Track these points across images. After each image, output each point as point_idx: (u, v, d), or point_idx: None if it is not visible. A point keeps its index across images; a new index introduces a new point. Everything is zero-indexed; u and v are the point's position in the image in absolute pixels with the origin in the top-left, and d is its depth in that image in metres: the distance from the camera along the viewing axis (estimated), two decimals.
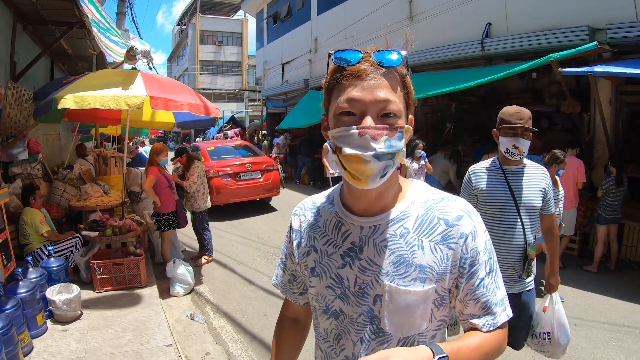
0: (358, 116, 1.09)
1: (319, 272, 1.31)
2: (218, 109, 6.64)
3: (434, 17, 11.29)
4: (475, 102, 11.31)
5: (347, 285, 1.24)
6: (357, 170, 1.08)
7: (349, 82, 1.10)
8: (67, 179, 7.71)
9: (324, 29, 17.25)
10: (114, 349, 4.19)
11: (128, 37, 9.37)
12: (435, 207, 1.21)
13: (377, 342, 1.22)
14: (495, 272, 1.21)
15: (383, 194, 1.21)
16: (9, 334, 3.44)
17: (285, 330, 1.59)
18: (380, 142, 1.06)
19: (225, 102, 38.19)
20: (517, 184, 3.02)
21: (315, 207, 1.39)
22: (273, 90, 22.08)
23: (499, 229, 3.00)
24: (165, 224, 6.53)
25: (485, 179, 3.09)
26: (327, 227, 1.32)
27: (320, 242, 1.32)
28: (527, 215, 2.99)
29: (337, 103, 1.11)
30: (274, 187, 11.55)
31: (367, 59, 1.11)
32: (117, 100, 5.12)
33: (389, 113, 1.09)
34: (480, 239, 1.19)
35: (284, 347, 1.57)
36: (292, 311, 1.59)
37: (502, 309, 1.20)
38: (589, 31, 7.52)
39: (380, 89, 1.08)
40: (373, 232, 1.22)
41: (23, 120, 6.58)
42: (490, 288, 1.18)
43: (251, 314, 5.53)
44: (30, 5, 6.79)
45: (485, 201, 3.05)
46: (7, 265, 4.49)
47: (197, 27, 45.49)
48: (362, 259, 1.22)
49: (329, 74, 1.17)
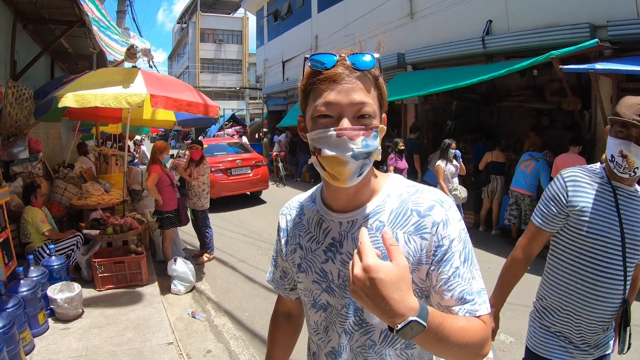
0: (335, 119, 1.12)
1: (305, 268, 1.37)
2: (218, 108, 6.64)
3: (435, 15, 11.28)
4: (476, 100, 11.29)
5: (332, 279, 1.30)
6: (336, 171, 1.13)
7: (326, 86, 1.13)
8: (68, 177, 7.71)
9: (325, 26, 17.24)
10: (115, 347, 4.20)
11: (128, 36, 9.35)
12: (409, 199, 1.24)
13: (361, 333, 1.27)
14: (471, 262, 1.18)
15: (360, 190, 1.25)
16: (10, 332, 3.45)
17: (278, 325, 1.69)
18: (358, 142, 1.10)
19: (226, 100, 38.25)
20: (630, 212, 2.09)
21: (300, 206, 1.46)
22: (274, 88, 22.08)
23: (591, 269, 2.10)
24: (168, 222, 6.53)
25: (591, 194, 2.12)
26: (310, 224, 1.38)
27: (305, 239, 1.38)
28: (633, 259, 2.10)
29: (314, 106, 1.14)
30: (262, 182, 12.67)
31: (342, 62, 1.14)
32: (118, 99, 5.12)
33: (364, 114, 1.13)
34: (453, 227, 1.18)
35: (278, 341, 1.68)
36: (284, 306, 1.68)
37: (482, 300, 1.15)
38: (589, 28, 7.51)
39: (355, 92, 1.12)
40: (351, 227, 1.26)
41: (24, 119, 6.58)
42: (466, 277, 1.15)
43: (252, 311, 5.54)
44: (29, 4, 6.78)
45: (582, 227, 2.10)
46: (8, 264, 4.50)
47: (197, 25, 45.46)
48: (342, 253, 1.27)
49: (305, 77, 1.20)
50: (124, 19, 12.68)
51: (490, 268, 6.73)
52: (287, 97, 20.83)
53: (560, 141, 8.34)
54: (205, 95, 6.59)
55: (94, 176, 8.47)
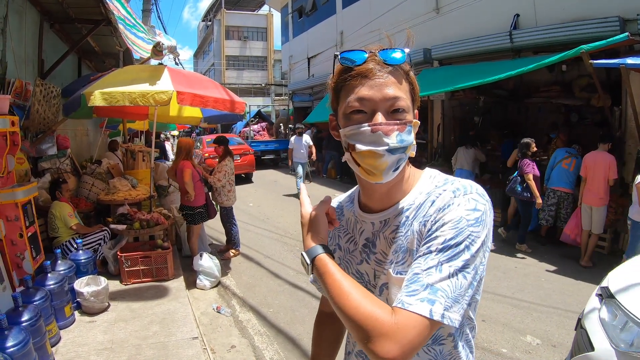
0: (369, 114, 1.10)
1: (344, 268, 1.31)
2: (244, 104, 6.61)
3: (461, 9, 11.14)
4: (503, 96, 11.08)
5: (368, 280, 1.29)
6: (371, 165, 1.10)
7: (358, 82, 1.11)
8: (96, 173, 7.82)
9: (350, 22, 17.18)
10: (140, 341, 4.22)
11: (154, 33, 9.41)
12: (434, 192, 1.18)
13: None
14: (451, 256, 1.02)
15: (393, 188, 1.22)
16: (37, 324, 3.48)
17: (323, 326, 1.65)
18: (392, 137, 1.08)
19: (251, 97, 38.35)
20: None
21: (340, 207, 1.46)
22: (299, 85, 22.12)
23: None
24: (199, 217, 6.57)
25: None
26: (348, 225, 1.38)
27: (343, 240, 1.39)
28: None
29: (347, 102, 1.13)
30: (248, 166, 16.69)
31: (372, 58, 1.12)
32: (145, 97, 5.14)
33: (398, 109, 1.11)
34: (453, 212, 1.07)
35: (323, 343, 1.64)
36: (328, 306, 1.62)
37: (427, 297, 0.99)
38: (619, 22, 7.31)
39: (388, 87, 1.10)
40: (383, 227, 1.25)
41: (52, 116, 6.69)
42: (430, 265, 1.02)
43: (277, 307, 5.52)
44: (56, 4, 6.89)
45: None
46: (36, 258, 4.56)
47: (222, 22, 45.69)
48: (376, 253, 1.26)
49: (336, 75, 1.19)
50: (149, 18, 12.79)
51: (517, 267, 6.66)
52: (313, 94, 20.84)
53: (589, 138, 8.13)
54: (231, 92, 6.58)
55: (121, 172, 8.58)
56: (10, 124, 4.12)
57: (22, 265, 4.35)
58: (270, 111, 32.56)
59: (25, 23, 6.51)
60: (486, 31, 10.16)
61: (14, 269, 4.29)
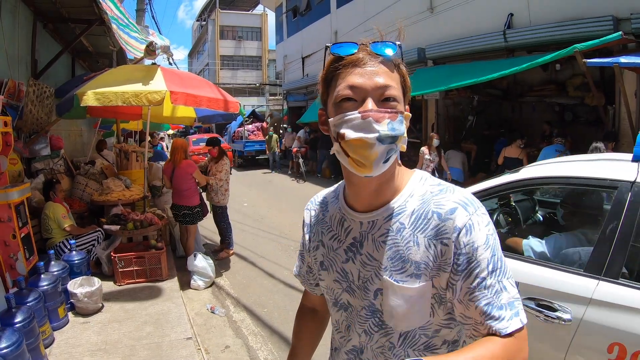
0: (359, 102, 1.08)
1: (327, 266, 1.33)
2: (238, 103, 6.61)
3: (455, 9, 11.19)
4: (497, 95, 11.14)
5: (352, 280, 1.27)
6: (362, 155, 1.06)
7: (348, 70, 1.10)
8: (89, 173, 7.80)
9: (344, 22, 17.22)
10: (134, 341, 4.22)
11: (147, 33, 9.40)
12: (431, 199, 1.16)
13: (381, 334, 1.23)
14: (500, 271, 1.07)
15: (382, 187, 1.19)
16: (30, 326, 3.48)
17: (304, 319, 1.64)
18: (383, 124, 1.05)
19: (246, 97, 38.43)
20: None
21: (324, 202, 1.41)
22: (293, 84, 22.14)
23: None
24: (197, 216, 6.60)
25: None
26: (332, 222, 1.33)
27: (327, 237, 1.34)
28: None
29: (337, 91, 1.11)
30: None
31: (363, 49, 1.12)
32: (139, 97, 5.15)
33: (389, 97, 1.09)
34: (477, 233, 1.08)
35: (303, 336, 1.62)
36: (310, 301, 1.63)
37: (512, 313, 1.04)
38: (613, 21, 7.37)
39: (379, 75, 1.09)
40: (371, 228, 1.22)
41: (45, 116, 6.66)
42: (494, 289, 1.05)
43: (271, 307, 5.53)
44: (49, 4, 6.87)
45: None
46: (29, 259, 4.55)
47: (216, 22, 45.73)
48: (362, 254, 1.23)
49: (327, 66, 1.17)
50: (143, 17, 12.75)
51: None
52: (307, 93, 20.85)
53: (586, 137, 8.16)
54: (224, 92, 6.59)
55: (114, 172, 8.56)
56: (3, 125, 4.10)
57: (16, 266, 4.34)
58: (264, 111, 32.57)
59: (19, 23, 6.49)
60: (480, 30, 10.23)
61: (7, 270, 4.27)
